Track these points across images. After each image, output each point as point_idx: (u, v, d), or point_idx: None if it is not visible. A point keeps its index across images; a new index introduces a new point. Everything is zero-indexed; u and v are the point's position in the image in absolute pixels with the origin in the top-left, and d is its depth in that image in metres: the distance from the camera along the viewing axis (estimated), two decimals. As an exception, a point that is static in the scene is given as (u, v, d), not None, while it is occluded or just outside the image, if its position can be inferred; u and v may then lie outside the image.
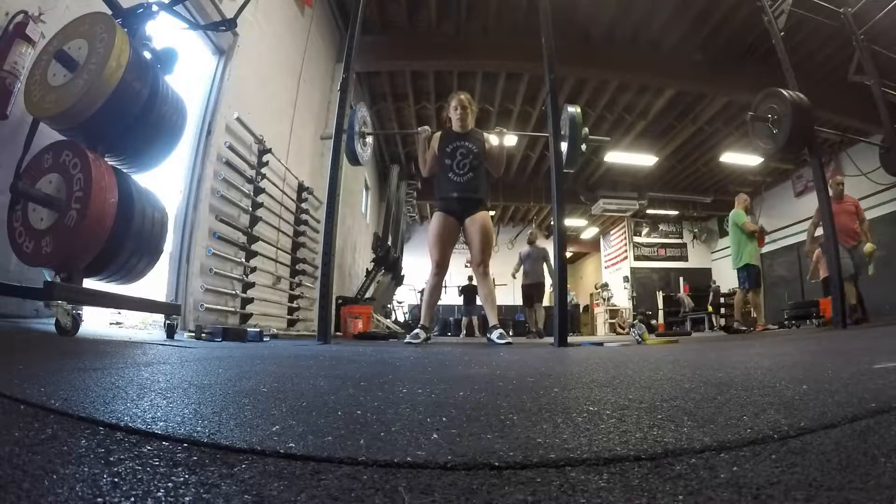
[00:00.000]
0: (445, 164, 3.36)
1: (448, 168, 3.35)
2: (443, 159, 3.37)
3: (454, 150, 3.35)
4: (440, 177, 3.42)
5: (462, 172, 3.33)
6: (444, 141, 3.42)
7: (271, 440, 0.47)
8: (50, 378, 0.80)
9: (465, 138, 3.39)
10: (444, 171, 3.38)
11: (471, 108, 3.46)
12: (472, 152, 3.35)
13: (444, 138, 3.43)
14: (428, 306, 3.43)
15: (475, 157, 3.35)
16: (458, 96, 3.47)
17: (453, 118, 3.45)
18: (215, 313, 3.72)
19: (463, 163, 3.33)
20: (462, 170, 3.33)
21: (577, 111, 3.47)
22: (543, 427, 0.54)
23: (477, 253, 3.31)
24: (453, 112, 3.45)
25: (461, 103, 3.42)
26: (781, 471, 0.38)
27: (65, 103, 1.82)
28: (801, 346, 2.11)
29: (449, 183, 3.35)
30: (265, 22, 4.51)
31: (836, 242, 4.09)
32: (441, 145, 3.41)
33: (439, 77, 7.92)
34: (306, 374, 1.05)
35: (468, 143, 3.37)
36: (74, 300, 1.86)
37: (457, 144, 3.36)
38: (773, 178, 11.65)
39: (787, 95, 4.10)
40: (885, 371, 0.98)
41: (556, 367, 1.36)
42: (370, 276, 7.33)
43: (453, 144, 3.37)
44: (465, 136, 3.40)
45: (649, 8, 6.35)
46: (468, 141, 3.38)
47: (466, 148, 3.35)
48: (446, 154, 3.37)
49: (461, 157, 3.34)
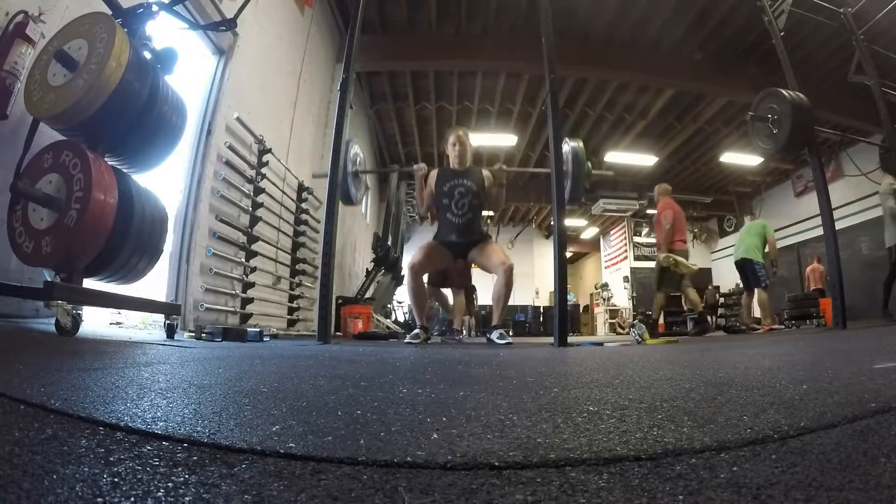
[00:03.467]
0: (443, 203, 3.25)
1: (446, 208, 3.25)
2: (441, 198, 3.27)
3: (452, 188, 3.25)
4: (439, 216, 3.32)
5: (461, 213, 3.24)
6: (441, 179, 3.31)
7: (271, 440, 0.47)
8: (50, 378, 0.80)
9: (463, 176, 3.28)
10: (442, 210, 3.28)
11: (469, 145, 3.35)
12: (470, 191, 3.24)
13: (441, 176, 3.33)
14: (418, 308, 3.34)
15: (474, 196, 3.24)
16: (456, 132, 3.37)
17: (451, 155, 3.34)
18: (215, 313, 3.72)
19: (461, 202, 3.23)
20: (461, 210, 3.23)
21: (580, 146, 3.38)
22: (543, 427, 0.54)
23: (497, 262, 3.19)
24: (451, 148, 3.34)
25: (459, 139, 3.32)
26: (781, 471, 0.38)
27: (65, 103, 1.83)
28: (801, 346, 2.11)
29: (448, 224, 3.26)
30: (265, 22, 4.51)
31: (836, 244, 4.09)
32: (438, 183, 3.30)
33: (439, 77, 7.92)
34: (306, 374, 1.05)
35: (467, 181, 3.26)
36: (74, 300, 1.86)
37: (455, 183, 3.26)
38: (773, 178, 11.65)
39: (787, 95, 4.10)
40: (885, 371, 0.98)
41: (556, 367, 1.36)
42: (370, 276, 7.33)
43: (451, 183, 3.26)
44: (463, 174, 3.29)
45: (649, 8, 6.35)
46: (467, 179, 3.27)
47: (465, 186, 3.24)
48: (444, 193, 3.26)
49: (459, 196, 3.23)
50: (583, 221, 15.23)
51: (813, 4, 4.94)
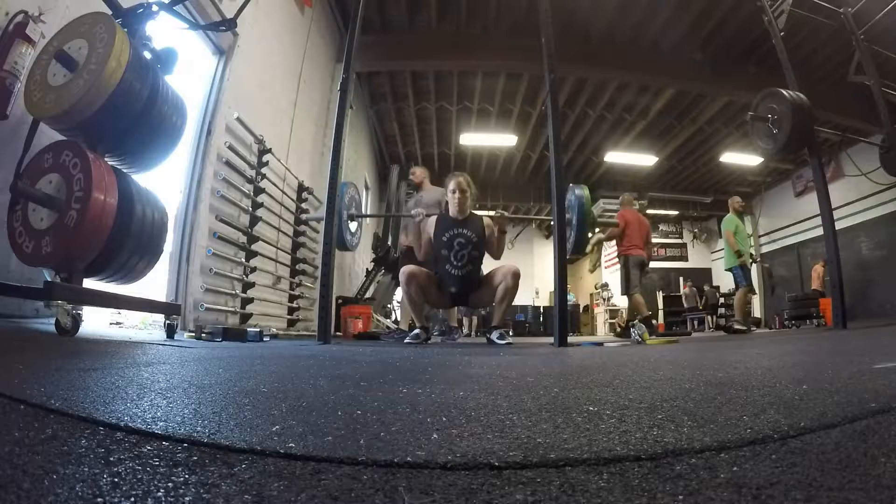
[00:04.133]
0: (442, 254, 3.18)
1: (445, 259, 3.17)
2: (440, 249, 3.18)
3: (451, 238, 3.16)
4: (438, 266, 3.24)
5: (460, 265, 3.15)
6: (440, 227, 3.23)
7: (271, 440, 0.47)
8: (50, 378, 0.80)
9: (463, 225, 3.19)
10: (440, 261, 3.20)
11: (470, 191, 3.26)
12: (470, 242, 3.16)
13: (440, 224, 3.24)
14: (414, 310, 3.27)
15: (474, 248, 3.16)
16: (457, 179, 3.24)
17: (451, 202, 3.23)
18: (215, 313, 3.71)
19: (461, 254, 3.15)
20: (460, 261, 3.15)
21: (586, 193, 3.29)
22: (543, 427, 0.54)
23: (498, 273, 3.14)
24: (451, 196, 3.23)
25: (459, 186, 3.20)
26: (781, 471, 0.38)
27: (65, 103, 1.82)
28: (801, 346, 2.11)
29: (447, 276, 3.18)
30: (265, 22, 4.51)
31: (836, 244, 4.09)
32: (438, 231, 3.22)
33: (439, 77, 7.92)
34: (306, 374, 1.05)
35: (467, 231, 3.17)
36: (74, 300, 1.86)
37: (454, 232, 3.17)
38: (773, 178, 11.65)
39: (787, 95, 4.10)
40: (885, 371, 0.98)
41: (556, 367, 1.36)
42: (370, 276, 7.32)
43: (451, 232, 3.17)
44: (463, 224, 3.20)
45: (649, 8, 6.35)
46: (466, 228, 3.18)
47: (465, 237, 3.16)
48: (443, 243, 3.17)
49: (459, 247, 3.15)
50: (583, 221, 15.20)
51: (813, 4, 4.94)
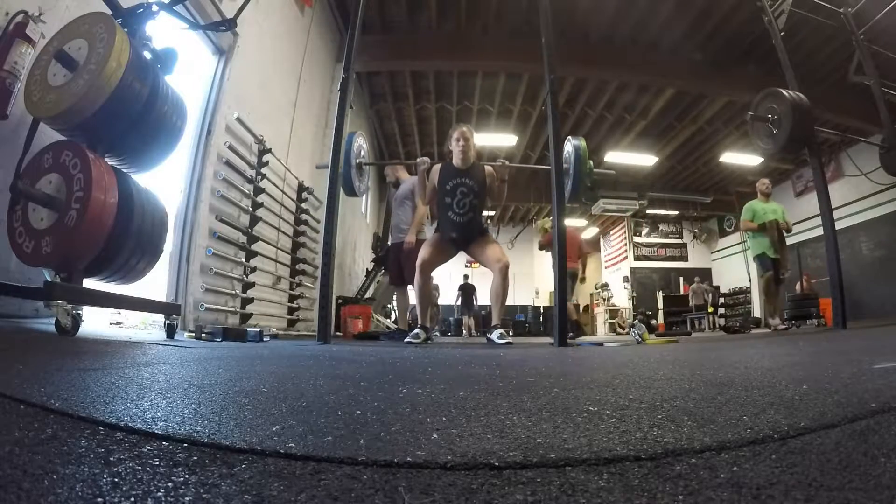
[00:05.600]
0: (445, 202, 3.25)
1: (448, 207, 3.24)
2: (443, 197, 3.26)
3: (455, 187, 3.23)
4: (440, 213, 3.32)
5: (462, 212, 3.23)
6: (444, 176, 3.29)
7: (271, 440, 0.47)
8: (50, 378, 0.80)
9: (466, 174, 3.26)
10: (443, 208, 3.27)
11: (473, 141, 3.33)
12: (472, 191, 3.23)
13: (444, 173, 3.31)
14: (422, 307, 3.35)
15: (476, 196, 3.24)
16: (461, 128, 3.33)
17: (455, 151, 3.31)
18: (215, 313, 3.71)
19: (463, 202, 3.22)
20: (462, 209, 3.23)
21: (582, 144, 3.37)
22: (543, 427, 0.54)
23: (492, 257, 3.22)
24: (455, 144, 3.30)
25: (463, 135, 3.27)
26: (781, 471, 0.38)
27: (65, 103, 1.82)
28: (801, 346, 2.10)
29: (449, 223, 3.26)
30: (265, 22, 4.51)
31: (836, 244, 4.09)
32: (441, 180, 3.29)
33: (439, 77, 7.92)
34: (306, 374, 1.05)
35: (469, 181, 3.25)
36: (74, 300, 1.86)
37: (458, 181, 3.24)
38: (773, 178, 11.60)
39: (787, 95, 4.10)
40: (885, 371, 0.98)
41: (556, 367, 1.36)
42: (370, 276, 7.32)
43: (454, 181, 3.24)
44: (466, 173, 3.26)
45: (649, 8, 6.35)
46: (469, 178, 3.25)
47: (467, 186, 3.23)
48: (446, 191, 3.25)
49: (461, 195, 3.22)
50: (583, 221, 15.23)
51: (813, 4, 4.94)
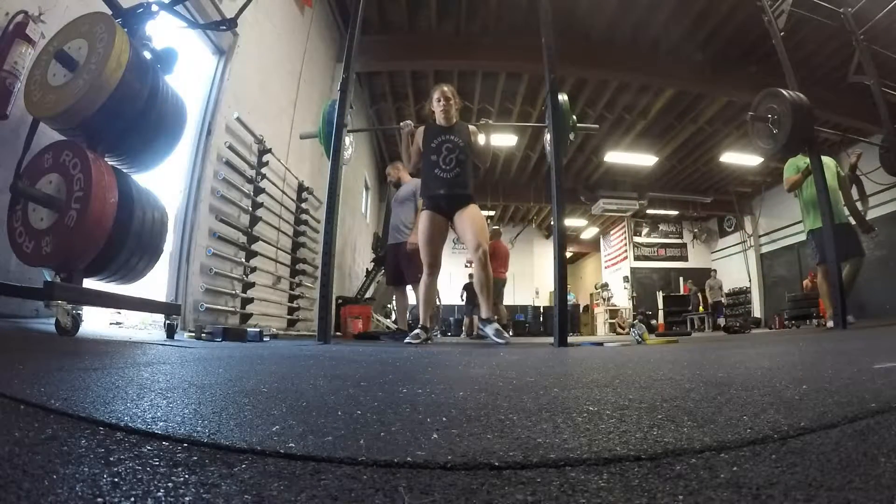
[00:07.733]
0: (431, 160, 3.27)
1: (434, 164, 3.26)
2: (428, 155, 3.28)
3: (440, 144, 3.26)
4: (426, 173, 3.33)
5: (449, 168, 3.24)
6: (428, 135, 3.32)
7: (271, 440, 0.47)
8: (50, 378, 0.80)
9: (450, 132, 3.29)
10: (429, 167, 3.28)
11: (455, 100, 3.36)
12: (458, 146, 3.25)
13: (428, 133, 3.34)
14: (425, 307, 3.34)
15: (461, 152, 3.25)
16: (441, 88, 3.36)
17: (436, 111, 3.34)
18: (215, 313, 3.71)
19: (449, 158, 3.23)
20: (448, 165, 3.24)
21: (565, 98, 3.40)
22: (543, 427, 0.54)
23: (472, 237, 3.18)
24: (436, 104, 3.33)
25: (444, 95, 3.31)
26: (781, 471, 0.38)
27: (65, 103, 1.82)
28: (801, 346, 2.10)
29: (436, 180, 3.26)
30: (265, 22, 4.51)
31: (836, 244, 4.08)
32: (426, 140, 3.31)
33: (439, 77, 7.91)
34: (306, 374, 1.05)
35: (454, 137, 3.27)
36: (74, 300, 1.86)
37: (442, 139, 3.27)
38: (773, 178, 11.65)
39: (787, 95, 4.09)
40: (885, 371, 0.98)
41: (556, 367, 1.36)
42: (370, 276, 7.32)
43: (438, 139, 3.27)
44: (449, 130, 3.29)
45: (649, 8, 6.35)
46: (453, 135, 3.28)
47: (452, 142, 3.25)
48: (431, 149, 3.27)
49: (447, 151, 3.24)
50: (583, 221, 15.23)
51: (813, 4, 4.94)
